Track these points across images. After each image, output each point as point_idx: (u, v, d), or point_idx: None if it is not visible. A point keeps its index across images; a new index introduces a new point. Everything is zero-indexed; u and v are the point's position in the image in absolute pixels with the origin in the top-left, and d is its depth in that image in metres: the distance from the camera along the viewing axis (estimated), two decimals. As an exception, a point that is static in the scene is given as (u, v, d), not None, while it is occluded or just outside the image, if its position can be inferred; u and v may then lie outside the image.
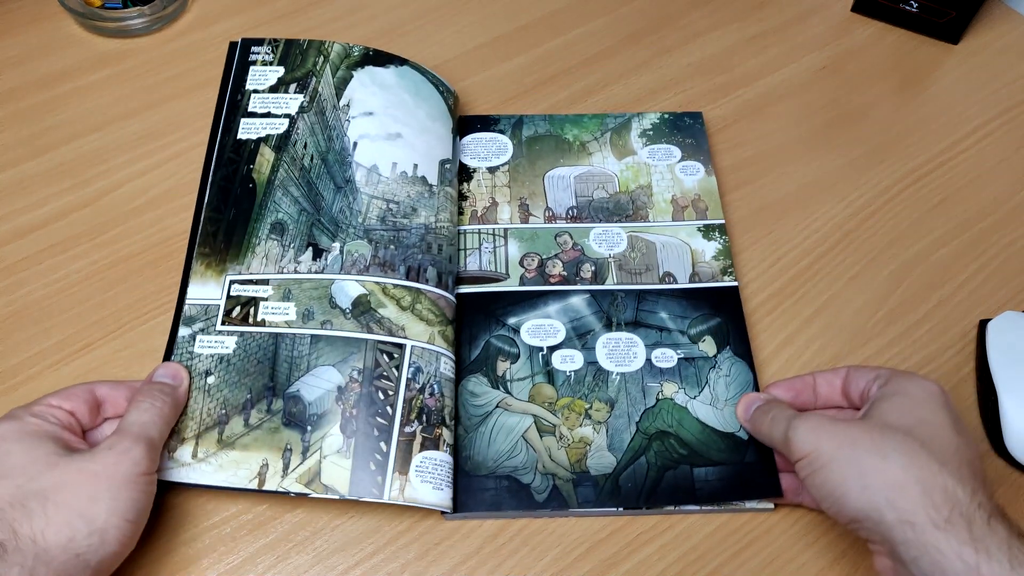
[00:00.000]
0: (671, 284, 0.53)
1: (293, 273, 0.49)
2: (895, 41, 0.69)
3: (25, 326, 0.50)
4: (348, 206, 0.51)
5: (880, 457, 0.37)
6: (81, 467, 0.37)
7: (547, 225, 0.55)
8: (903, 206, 0.59)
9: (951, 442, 0.38)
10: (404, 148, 0.54)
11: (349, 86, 0.55)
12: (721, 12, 0.70)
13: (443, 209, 0.52)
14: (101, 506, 0.36)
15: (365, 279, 0.49)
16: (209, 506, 0.44)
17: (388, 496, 0.43)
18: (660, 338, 0.51)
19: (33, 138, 0.58)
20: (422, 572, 0.43)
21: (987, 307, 0.54)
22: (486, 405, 0.48)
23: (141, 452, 0.39)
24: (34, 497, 0.36)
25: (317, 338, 0.47)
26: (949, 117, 0.64)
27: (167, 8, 0.64)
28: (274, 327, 0.47)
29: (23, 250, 0.53)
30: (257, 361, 0.46)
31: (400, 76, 0.56)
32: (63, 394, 0.41)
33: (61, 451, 0.38)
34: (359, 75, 0.55)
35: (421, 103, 0.56)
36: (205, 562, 0.43)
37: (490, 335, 0.50)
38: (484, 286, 0.52)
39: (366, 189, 0.52)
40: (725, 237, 0.55)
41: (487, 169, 0.57)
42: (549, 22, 0.68)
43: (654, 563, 0.44)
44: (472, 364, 0.49)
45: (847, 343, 0.52)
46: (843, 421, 0.40)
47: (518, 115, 0.60)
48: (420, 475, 0.43)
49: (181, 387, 0.44)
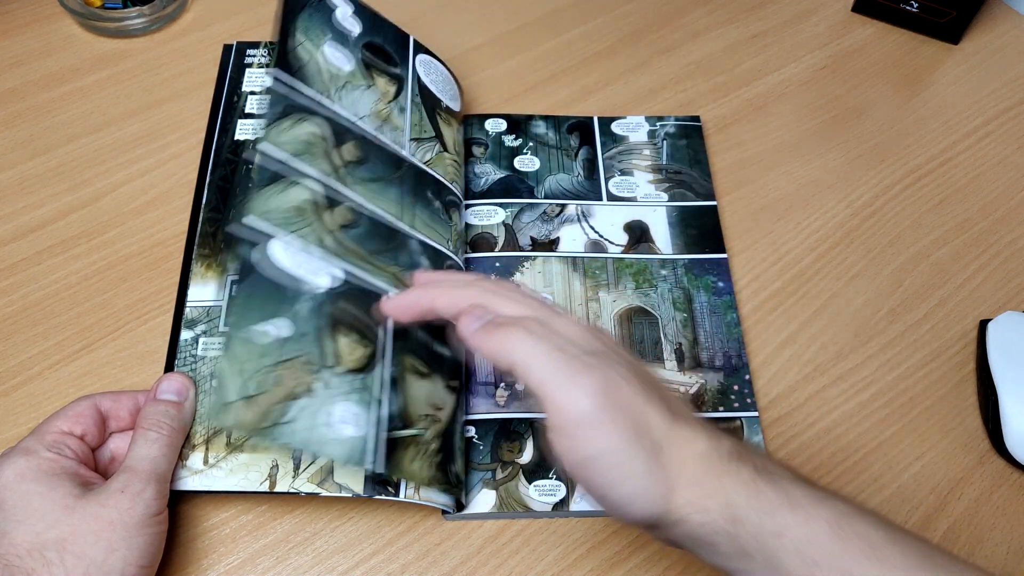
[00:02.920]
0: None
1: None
2: (895, 41, 0.69)
3: (24, 327, 0.50)
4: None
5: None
6: (97, 513, 0.36)
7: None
8: (903, 205, 0.59)
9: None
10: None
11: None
12: (721, 12, 0.70)
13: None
14: (118, 556, 0.36)
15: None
16: (208, 507, 0.44)
17: (404, 495, 0.42)
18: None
19: (32, 138, 0.58)
20: (422, 573, 0.43)
21: (987, 307, 0.54)
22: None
23: (153, 493, 0.38)
24: (52, 546, 0.35)
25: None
26: (949, 117, 0.64)
27: (167, 8, 0.64)
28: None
29: (22, 251, 0.53)
30: None
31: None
32: (72, 418, 0.40)
33: (78, 490, 0.37)
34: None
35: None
36: (205, 563, 0.43)
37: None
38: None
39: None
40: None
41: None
42: (549, 21, 0.68)
43: (656, 562, 0.44)
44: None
45: (848, 343, 0.52)
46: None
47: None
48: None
49: (187, 402, 0.43)
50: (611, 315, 0.52)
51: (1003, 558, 0.45)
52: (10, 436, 0.45)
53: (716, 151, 0.61)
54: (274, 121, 0.43)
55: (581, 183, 0.58)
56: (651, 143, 0.60)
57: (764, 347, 0.52)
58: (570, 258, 0.54)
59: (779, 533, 0.31)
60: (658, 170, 0.59)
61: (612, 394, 0.32)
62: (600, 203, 0.57)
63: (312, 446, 0.38)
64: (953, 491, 0.47)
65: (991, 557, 0.45)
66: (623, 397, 0.33)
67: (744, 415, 0.48)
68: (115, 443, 0.42)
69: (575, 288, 0.53)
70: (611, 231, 0.55)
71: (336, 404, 0.39)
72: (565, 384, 0.32)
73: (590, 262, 0.54)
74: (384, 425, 0.40)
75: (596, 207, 0.56)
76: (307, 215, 0.42)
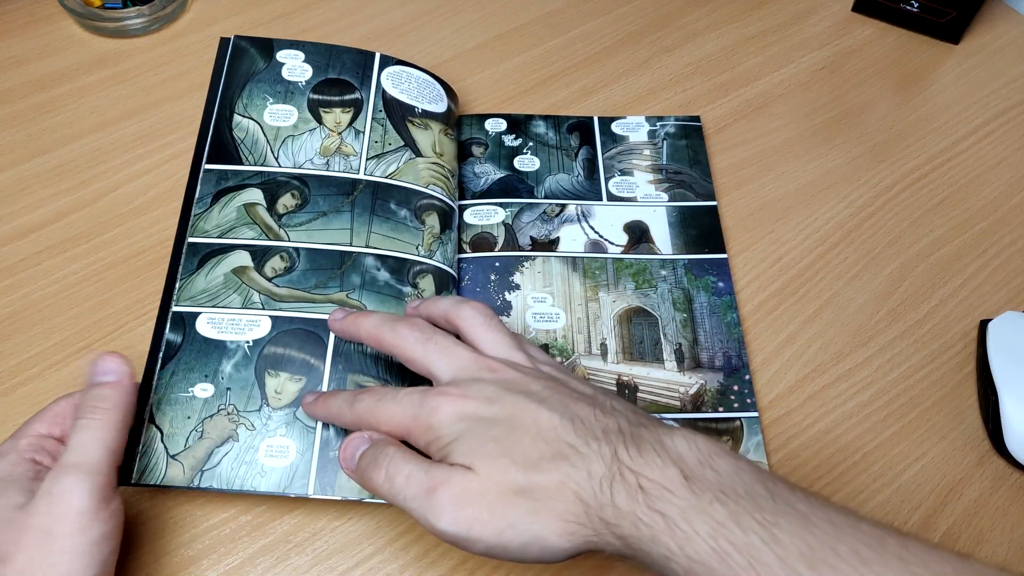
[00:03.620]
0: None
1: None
2: (895, 41, 0.69)
3: (24, 327, 0.50)
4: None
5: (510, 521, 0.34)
6: (28, 523, 0.33)
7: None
8: (903, 205, 0.59)
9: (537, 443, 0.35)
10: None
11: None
12: (721, 12, 0.70)
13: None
14: (58, 571, 0.33)
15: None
16: (208, 507, 0.44)
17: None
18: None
19: (31, 139, 0.58)
20: (422, 573, 0.43)
21: (988, 307, 0.54)
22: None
23: (83, 489, 0.34)
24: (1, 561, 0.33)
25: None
26: (949, 117, 0.64)
27: (166, 8, 0.64)
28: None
29: (22, 251, 0.52)
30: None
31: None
32: (49, 419, 0.39)
33: (22, 499, 0.34)
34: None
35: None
36: (204, 563, 0.43)
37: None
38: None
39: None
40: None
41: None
42: (548, 22, 0.68)
43: (655, 564, 0.44)
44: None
45: (848, 342, 0.52)
46: (468, 482, 0.34)
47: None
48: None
49: (124, 380, 0.38)
50: (611, 315, 0.52)
51: (1003, 558, 0.45)
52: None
53: (716, 151, 0.61)
54: (202, 213, 0.48)
55: (581, 183, 0.57)
56: (651, 143, 0.60)
57: (764, 347, 0.52)
58: (570, 258, 0.54)
59: (666, 556, 0.31)
60: (658, 170, 0.59)
61: (467, 503, 0.34)
62: (600, 203, 0.57)
63: (237, 483, 0.41)
64: (953, 491, 0.47)
65: (991, 557, 0.45)
66: (482, 490, 0.34)
67: (744, 415, 0.48)
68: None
69: (575, 288, 0.53)
70: (611, 231, 0.55)
71: (263, 442, 0.42)
72: (426, 519, 0.34)
73: (590, 262, 0.54)
74: (329, 446, 0.42)
75: (596, 207, 0.56)
76: (233, 283, 0.46)
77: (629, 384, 0.49)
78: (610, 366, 0.50)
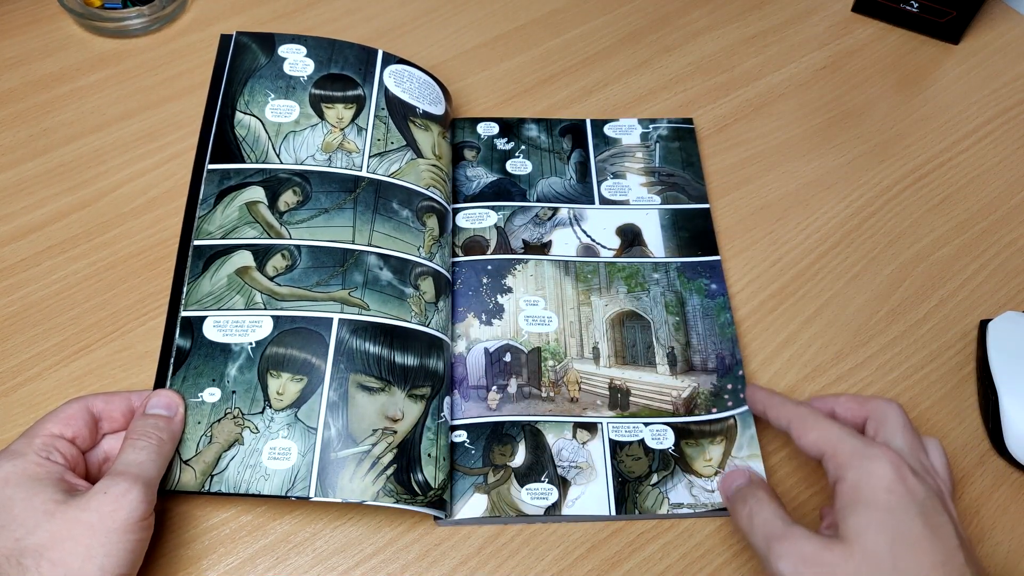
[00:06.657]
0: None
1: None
2: (895, 41, 0.69)
3: (24, 327, 0.50)
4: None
5: None
6: (77, 518, 0.36)
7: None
8: (903, 205, 0.59)
9: (928, 558, 0.35)
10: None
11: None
12: (721, 12, 0.70)
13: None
14: (94, 563, 0.35)
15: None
16: (208, 507, 0.44)
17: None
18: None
19: (32, 139, 0.58)
20: (422, 573, 0.43)
21: (987, 307, 0.54)
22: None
23: (138, 496, 0.37)
24: (30, 553, 0.35)
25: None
26: (949, 117, 0.64)
27: (166, 8, 0.64)
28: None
29: (22, 251, 0.53)
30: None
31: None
32: (62, 420, 0.40)
33: (60, 495, 0.37)
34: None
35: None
36: (204, 563, 0.43)
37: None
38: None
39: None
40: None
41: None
42: (548, 22, 0.68)
43: (656, 562, 0.44)
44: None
45: (848, 343, 0.52)
46: (828, 553, 0.36)
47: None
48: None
49: (176, 416, 0.42)
50: (603, 319, 0.52)
51: (1003, 558, 0.45)
52: (9, 437, 0.45)
53: (716, 151, 0.61)
54: (206, 215, 0.48)
55: (573, 186, 0.57)
56: (644, 146, 0.60)
57: (763, 348, 0.52)
58: (562, 261, 0.54)
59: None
60: (651, 173, 0.58)
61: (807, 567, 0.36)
62: (592, 207, 0.56)
63: (243, 487, 0.42)
64: (953, 491, 0.47)
65: (991, 557, 0.45)
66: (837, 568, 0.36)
67: (737, 412, 0.48)
68: (108, 444, 0.42)
69: (567, 292, 0.52)
70: (603, 235, 0.55)
71: (266, 444, 0.42)
72: (767, 558, 0.37)
73: (582, 266, 0.54)
74: (330, 447, 0.42)
75: (588, 211, 0.56)
76: (236, 284, 0.46)
77: (621, 388, 0.49)
78: (602, 370, 0.50)
